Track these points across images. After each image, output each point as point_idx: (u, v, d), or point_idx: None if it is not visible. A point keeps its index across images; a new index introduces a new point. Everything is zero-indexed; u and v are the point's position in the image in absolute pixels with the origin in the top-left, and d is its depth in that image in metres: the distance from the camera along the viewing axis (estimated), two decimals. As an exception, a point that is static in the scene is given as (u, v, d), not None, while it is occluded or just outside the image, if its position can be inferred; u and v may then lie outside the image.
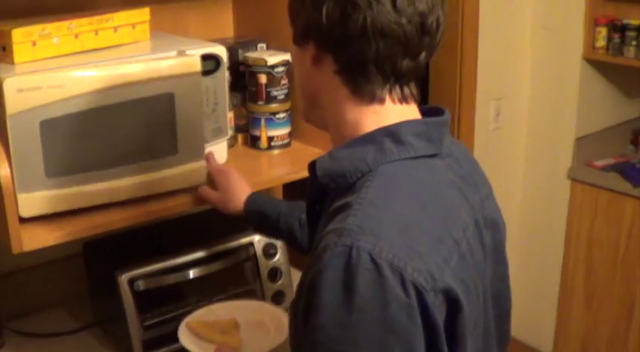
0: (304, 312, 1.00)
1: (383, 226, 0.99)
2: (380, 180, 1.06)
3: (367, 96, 1.10)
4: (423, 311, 0.97)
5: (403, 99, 1.12)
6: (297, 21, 1.13)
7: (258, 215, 1.64)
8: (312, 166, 1.15)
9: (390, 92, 1.11)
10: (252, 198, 1.64)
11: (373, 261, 0.95)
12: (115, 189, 1.56)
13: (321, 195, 1.16)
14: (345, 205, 1.04)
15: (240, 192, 1.65)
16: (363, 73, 1.09)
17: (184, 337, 1.54)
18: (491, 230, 1.19)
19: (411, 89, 1.13)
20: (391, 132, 1.09)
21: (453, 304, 1.01)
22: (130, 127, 1.54)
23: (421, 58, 1.10)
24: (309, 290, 0.99)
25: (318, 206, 1.19)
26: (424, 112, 1.17)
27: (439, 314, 0.99)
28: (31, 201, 1.46)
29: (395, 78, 1.10)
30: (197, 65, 1.58)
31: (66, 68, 1.46)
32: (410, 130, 1.10)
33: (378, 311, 0.95)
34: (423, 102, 1.19)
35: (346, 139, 1.13)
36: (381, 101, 1.11)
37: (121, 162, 1.55)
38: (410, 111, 1.14)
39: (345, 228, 0.99)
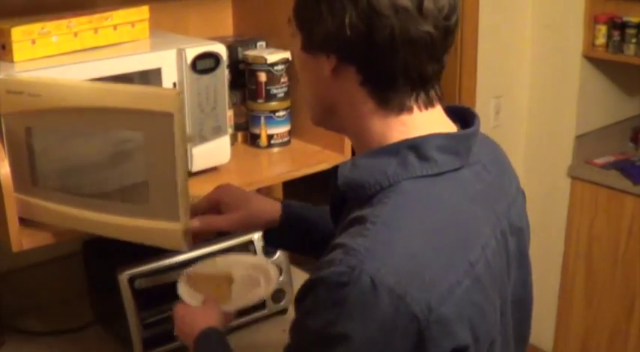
0: (296, 309, 1.02)
1: (391, 250, 0.97)
2: (398, 197, 1.02)
3: (396, 107, 1.07)
4: (417, 339, 0.95)
5: (429, 104, 1.09)
6: (310, 28, 1.07)
7: (298, 221, 1.48)
8: (334, 172, 1.11)
9: (417, 99, 1.07)
10: (287, 203, 1.49)
11: (373, 284, 0.94)
12: (92, 222, 1.42)
13: (342, 200, 1.14)
14: (360, 218, 1.02)
15: (262, 201, 1.50)
16: (391, 85, 1.05)
17: (182, 287, 1.54)
18: (516, 236, 1.17)
19: (436, 91, 1.10)
20: (415, 146, 1.06)
21: (455, 329, 0.99)
22: (100, 158, 1.40)
23: (444, 59, 1.08)
24: (305, 291, 1.00)
25: (338, 209, 1.16)
26: (452, 111, 1.14)
27: (435, 343, 0.97)
28: (23, 204, 1.44)
29: (421, 84, 1.07)
30: (172, 104, 1.29)
31: (48, 77, 1.42)
32: (435, 144, 1.06)
33: (365, 332, 0.94)
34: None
35: (371, 149, 1.10)
36: (410, 110, 1.07)
37: (96, 194, 1.41)
38: (436, 116, 1.11)
39: (353, 248, 0.97)
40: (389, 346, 0.95)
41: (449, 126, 1.12)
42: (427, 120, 1.09)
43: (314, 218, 1.48)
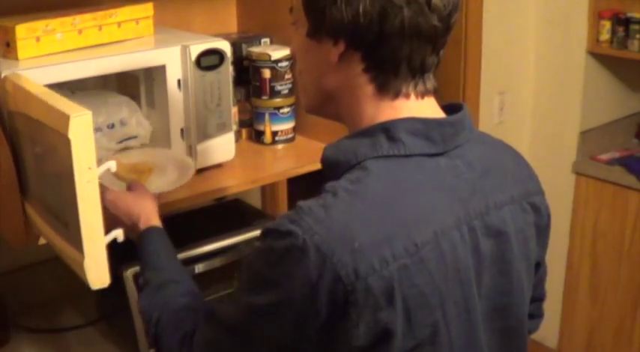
0: (252, 249, 1.11)
1: (328, 214, 1.02)
2: (359, 173, 1.07)
3: (392, 92, 1.11)
4: (342, 301, 1.00)
5: (425, 93, 1.13)
6: (322, 15, 1.10)
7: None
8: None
9: (415, 87, 1.12)
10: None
11: (304, 240, 0.99)
12: (45, 234, 1.36)
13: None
14: (323, 188, 1.07)
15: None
16: (394, 71, 1.10)
17: (103, 176, 1.48)
18: (494, 239, 1.15)
19: (432, 81, 1.14)
20: (386, 128, 1.10)
21: (382, 304, 1.01)
22: (42, 171, 1.32)
23: (442, 53, 1.13)
24: (260, 237, 1.08)
25: None
26: (447, 108, 1.17)
27: (358, 310, 1.00)
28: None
29: (421, 73, 1.11)
30: (66, 126, 1.14)
31: (24, 77, 1.38)
32: (405, 127, 1.10)
33: (289, 280, 1.01)
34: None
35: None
36: (406, 96, 1.12)
37: (44, 206, 1.35)
38: (429, 105, 1.14)
39: (300, 207, 1.04)
40: (314, 301, 1.00)
41: (440, 115, 1.16)
42: (419, 108, 1.12)
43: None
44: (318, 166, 1.79)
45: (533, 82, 3.11)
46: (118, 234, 1.37)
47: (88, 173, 1.18)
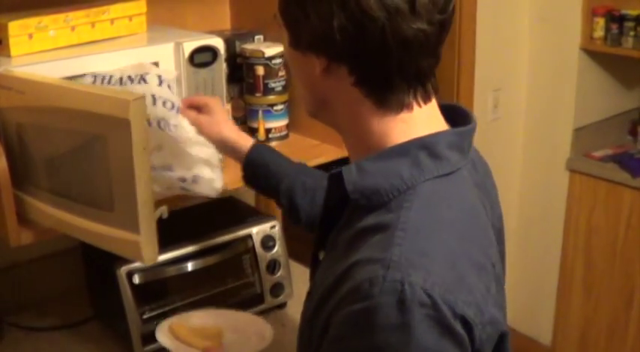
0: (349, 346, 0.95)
1: (432, 259, 0.95)
2: (420, 202, 0.99)
3: (394, 106, 1.03)
4: (471, 343, 0.95)
5: (427, 98, 1.05)
6: (298, 30, 1.04)
7: (259, 167, 1.53)
8: (334, 177, 1.08)
9: (415, 95, 1.03)
10: (258, 149, 1.54)
11: (428, 295, 0.91)
12: (66, 223, 1.38)
13: (340, 207, 1.10)
14: (381, 226, 0.99)
15: (235, 129, 1.57)
16: (388, 85, 1.02)
17: (163, 337, 1.54)
18: (496, 236, 1.14)
19: (432, 83, 1.06)
20: (426, 145, 1.03)
21: (501, 333, 1.01)
22: (76, 160, 1.35)
23: (440, 52, 1.04)
24: (360, 328, 0.94)
25: (334, 215, 1.12)
26: (444, 109, 1.11)
27: (487, 345, 0.98)
28: (16, 199, 1.43)
29: (418, 79, 1.03)
30: (127, 109, 1.21)
31: (31, 73, 1.39)
32: (445, 142, 1.04)
33: (436, 346, 0.92)
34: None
35: (371, 149, 1.05)
36: (409, 107, 1.04)
37: (71, 196, 1.37)
38: (433, 111, 1.07)
39: (392, 260, 0.93)
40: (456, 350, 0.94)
41: (442, 122, 1.10)
42: (426, 116, 1.06)
43: (280, 172, 1.54)
44: (311, 163, 1.80)
45: (527, 79, 3.11)
46: (163, 210, 1.37)
47: (144, 153, 1.24)
